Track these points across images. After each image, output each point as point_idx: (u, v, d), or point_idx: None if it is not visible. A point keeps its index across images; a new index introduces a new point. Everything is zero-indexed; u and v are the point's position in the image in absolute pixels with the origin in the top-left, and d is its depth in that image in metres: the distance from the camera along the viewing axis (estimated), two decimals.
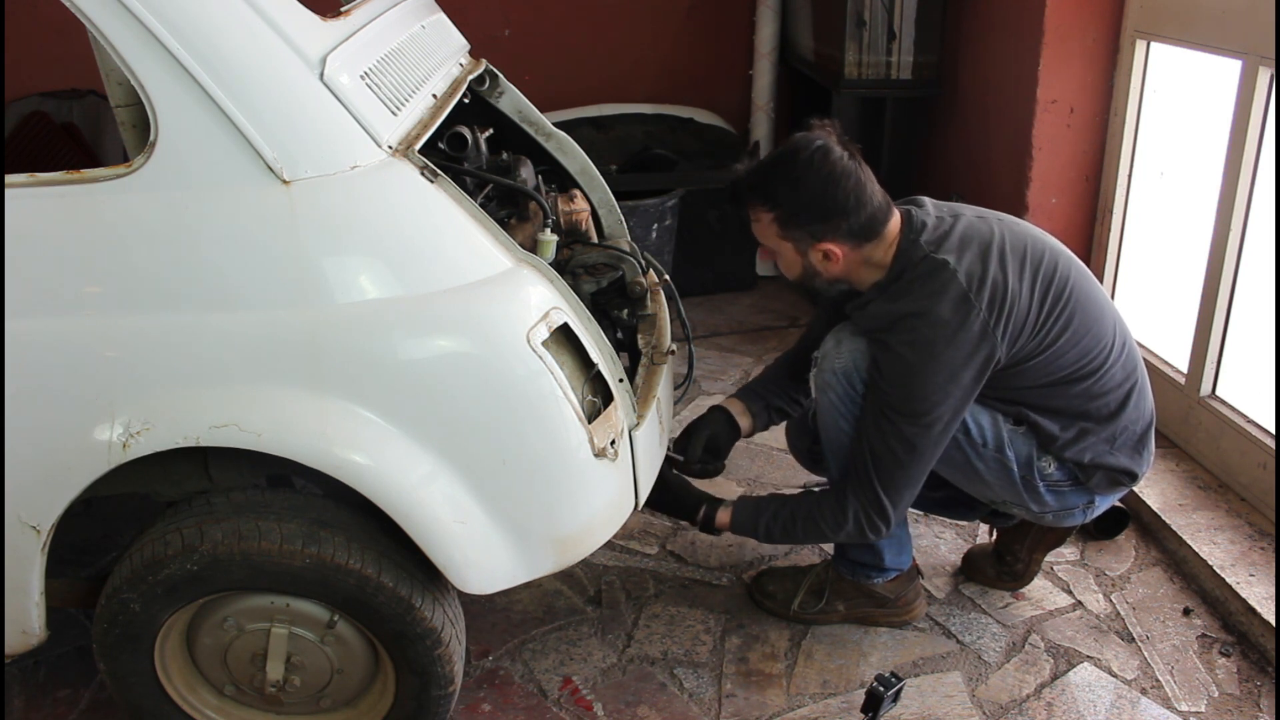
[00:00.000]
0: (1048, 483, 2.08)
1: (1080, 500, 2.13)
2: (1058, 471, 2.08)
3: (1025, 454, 2.06)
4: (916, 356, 1.91)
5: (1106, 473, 2.08)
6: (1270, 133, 2.51)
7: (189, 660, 1.88)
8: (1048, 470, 2.07)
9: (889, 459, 1.97)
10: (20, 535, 1.67)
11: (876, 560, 2.22)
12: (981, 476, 2.09)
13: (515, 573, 1.77)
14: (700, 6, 4.45)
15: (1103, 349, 2.01)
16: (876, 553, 2.21)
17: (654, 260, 2.35)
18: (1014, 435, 2.06)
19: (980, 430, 2.04)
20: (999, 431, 2.05)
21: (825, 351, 2.09)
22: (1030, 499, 2.10)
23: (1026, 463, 2.06)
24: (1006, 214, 2.10)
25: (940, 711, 2.08)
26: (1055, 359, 1.98)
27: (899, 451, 1.96)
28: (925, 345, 1.90)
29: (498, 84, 2.40)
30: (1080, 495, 2.12)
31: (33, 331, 1.59)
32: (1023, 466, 2.06)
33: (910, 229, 1.98)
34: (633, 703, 2.11)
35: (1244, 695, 2.11)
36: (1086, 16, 3.04)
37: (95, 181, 1.56)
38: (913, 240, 1.96)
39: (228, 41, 1.54)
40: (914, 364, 1.91)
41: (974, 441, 2.05)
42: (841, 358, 2.05)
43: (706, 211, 4.06)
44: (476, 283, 1.67)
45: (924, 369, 1.90)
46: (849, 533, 2.05)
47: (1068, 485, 2.10)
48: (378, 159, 1.64)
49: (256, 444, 1.61)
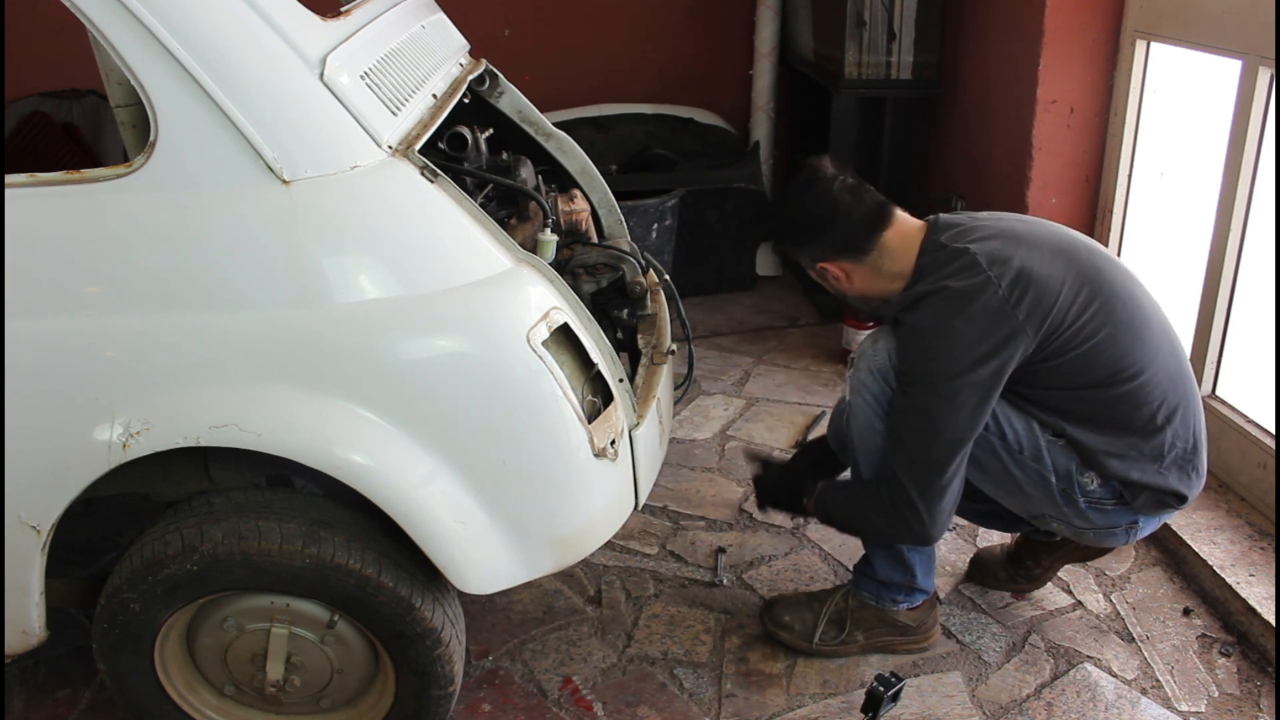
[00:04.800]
0: (1089, 499, 1.99)
1: (1123, 520, 2.03)
2: (1101, 489, 1.98)
3: (1064, 467, 1.97)
4: (930, 326, 1.87)
5: (1153, 494, 1.98)
6: (1270, 133, 2.51)
7: (189, 660, 1.88)
8: (1090, 486, 1.98)
9: (910, 438, 1.91)
10: (20, 535, 1.67)
11: (908, 579, 2.15)
12: (1020, 486, 2.00)
13: (515, 573, 1.77)
14: (700, 6, 4.45)
15: (1147, 353, 1.93)
16: (909, 570, 2.13)
17: (654, 260, 2.35)
18: (1052, 447, 1.97)
19: (1016, 435, 1.96)
20: (1035, 440, 1.96)
21: (863, 351, 2.04)
22: (1071, 513, 2.01)
23: (1066, 476, 1.97)
24: (1052, 221, 2.07)
25: (940, 711, 2.08)
26: (1095, 355, 1.89)
27: (917, 425, 1.89)
28: (938, 317, 1.87)
29: (498, 84, 2.40)
30: (1124, 515, 2.02)
31: (33, 331, 1.59)
32: (1062, 479, 1.97)
33: (934, 230, 1.98)
34: (633, 703, 2.11)
35: (1244, 695, 2.11)
36: (1086, 16, 3.04)
37: (95, 181, 1.56)
38: (935, 240, 1.95)
39: (228, 41, 1.54)
40: (927, 334, 1.88)
41: (1010, 446, 1.97)
42: (879, 355, 1.99)
43: (706, 211, 4.06)
44: (476, 283, 1.68)
45: (937, 339, 1.86)
46: (892, 524, 1.97)
47: (1111, 503, 2.00)
48: (378, 159, 1.64)
49: (256, 444, 1.61)
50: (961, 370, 1.85)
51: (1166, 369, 1.95)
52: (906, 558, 2.13)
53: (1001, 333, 1.85)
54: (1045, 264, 1.89)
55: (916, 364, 1.91)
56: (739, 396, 3.35)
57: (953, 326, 1.86)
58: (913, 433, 1.92)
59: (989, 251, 1.89)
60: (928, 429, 1.89)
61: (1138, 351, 1.92)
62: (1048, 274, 1.88)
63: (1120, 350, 1.91)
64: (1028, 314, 1.85)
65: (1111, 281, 1.94)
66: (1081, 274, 1.91)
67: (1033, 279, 1.86)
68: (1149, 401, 1.93)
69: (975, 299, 1.85)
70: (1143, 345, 1.93)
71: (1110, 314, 1.90)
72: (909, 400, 1.91)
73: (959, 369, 1.85)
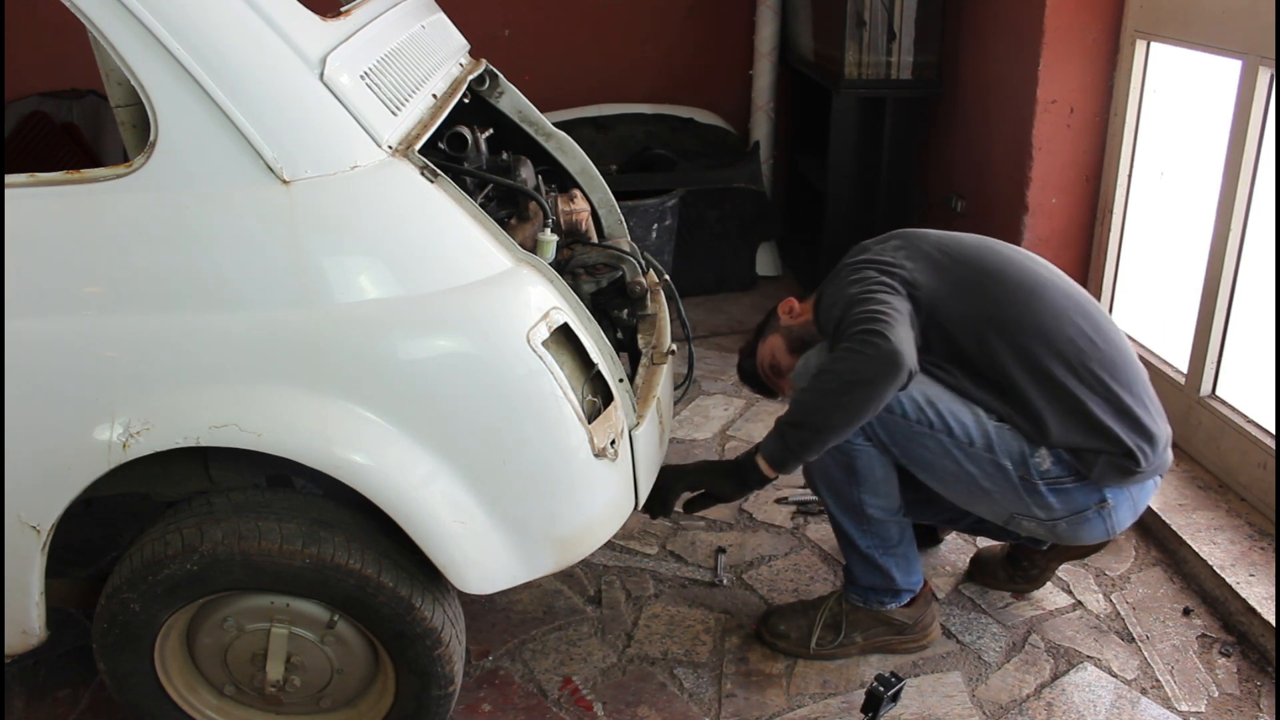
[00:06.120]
0: (1047, 480, 1.99)
1: (1090, 500, 2.01)
2: (1055, 466, 1.98)
3: (1016, 450, 1.98)
4: (832, 284, 2.10)
5: (1107, 458, 1.96)
6: (1270, 133, 2.51)
7: (189, 660, 1.88)
8: (1044, 466, 1.98)
9: (855, 307, 1.94)
10: (20, 535, 1.67)
11: (888, 582, 2.16)
12: (980, 485, 2.02)
13: (515, 573, 1.77)
14: (700, 6, 4.45)
15: (1043, 302, 2.01)
16: (885, 573, 2.15)
17: (654, 260, 2.35)
18: (1000, 431, 1.99)
19: (964, 429, 1.98)
20: (983, 428, 1.98)
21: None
22: (1035, 503, 2.01)
23: (1020, 459, 1.98)
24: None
25: (940, 711, 2.08)
26: (958, 314, 2.00)
27: (853, 309, 1.94)
28: (833, 280, 2.11)
29: (498, 84, 2.40)
30: (1087, 493, 2.00)
31: (33, 331, 1.59)
32: (1018, 465, 1.99)
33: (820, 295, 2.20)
34: (633, 703, 2.11)
35: (1244, 695, 2.11)
36: (1086, 16, 3.04)
37: (95, 181, 1.56)
38: (821, 294, 2.18)
39: (228, 41, 1.54)
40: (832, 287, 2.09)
41: (960, 441, 1.98)
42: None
43: (706, 211, 4.06)
44: (476, 283, 1.68)
45: (840, 286, 2.04)
46: (858, 367, 1.86)
47: (1070, 480, 1.99)
48: (378, 159, 1.64)
49: (256, 444, 1.61)
50: (853, 281, 2.02)
51: (1039, 323, 1.99)
52: (880, 562, 2.14)
53: (879, 261, 2.06)
54: (925, 238, 2.13)
55: (826, 311, 2.06)
56: (739, 396, 3.35)
57: (841, 277, 2.08)
58: (855, 302, 1.95)
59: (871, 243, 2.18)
60: (856, 300, 1.95)
61: (1041, 296, 2.02)
62: (923, 241, 2.11)
63: (978, 304, 2.01)
64: (906, 258, 2.06)
65: (994, 245, 2.12)
66: (961, 241, 2.12)
67: (905, 240, 2.13)
68: (1072, 355, 1.97)
69: (860, 256, 2.12)
70: (1045, 289, 2.04)
71: (987, 263, 2.07)
72: (846, 308, 1.98)
73: (864, 264, 2.06)
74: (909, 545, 2.17)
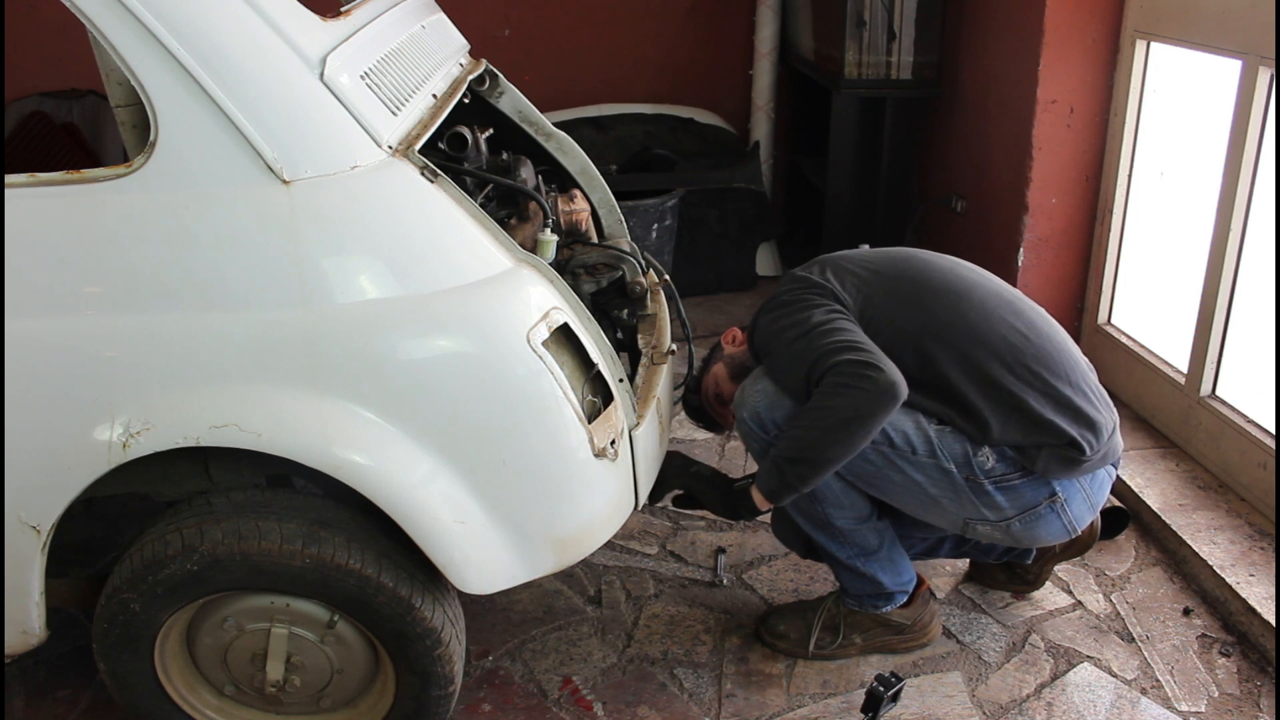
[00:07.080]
0: (993, 479, 1.97)
1: (1040, 496, 1.99)
2: (999, 463, 1.96)
3: (960, 452, 1.97)
4: (766, 316, 2.12)
5: (1050, 450, 1.95)
6: (1270, 133, 2.51)
7: (189, 660, 1.88)
8: (988, 464, 1.97)
9: (825, 338, 1.94)
10: (20, 535, 1.67)
11: (876, 588, 2.16)
12: (928, 493, 2.00)
13: (515, 573, 1.77)
14: (700, 6, 4.45)
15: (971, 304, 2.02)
16: (872, 580, 2.15)
17: (654, 260, 2.36)
18: (942, 434, 1.98)
19: (905, 438, 1.97)
20: (926, 434, 1.97)
21: (736, 401, 2.09)
22: (984, 505, 1.99)
23: (964, 461, 1.97)
24: None
25: (940, 711, 2.08)
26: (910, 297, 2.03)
27: (823, 326, 1.97)
28: (768, 308, 2.14)
29: (498, 84, 2.40)
30: (1035, 488, 1.98)
31: (33, 331, 1.59)
32: (962, 467, 1.97)
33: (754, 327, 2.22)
34: (633, 703, 2.11)
35: (1244, 695, 2.11)
36: (1086, 16, 3.04)
37: (95, 181, 1.56)
38: (754, 325, 2.22)
39: (228, 41, 1.54)
40: (770, 321, 2.09)
41: (902, 452, 1.97)
42: (747, 403, 2.05)
43: (706, 211, 4.06)
44: (476, 283, 1.68)
45: (778, 314, 2.07)
46: (853, 402, 1.87)
47: (1016, 477, 1.97)
48: (378, 159, 1.64)
49: (256, 444, 1.61)
50: (798, 305, 2.04)
51: (971, 326, 2.00)
52: (865, 569, 2.14)
53: (815, 283, 2.08)
54: (856, 257, 2.16)
55: (776, 336, 2.05)
56: None
57: (781, 302, 2.09)
58: (816, 340, 1.95)
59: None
60: (820, 330, 1.96)
61: (966, 297, 2.03)
62: (855, 259, 2.14)
63: (909, 314, 2.02)
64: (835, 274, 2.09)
65: (921, 255, 2.15)
66: (889, 254, 2.17)
67: (840, 261, 2.14)
68: (1002, 352, 1.98)
69: (791, 281, 2.14)
70: (970, 291, 2.05)
71: (909, 267, 2.10)
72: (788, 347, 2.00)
73: (797, 306, 2.05)
74: (891, 548, 2.16)
